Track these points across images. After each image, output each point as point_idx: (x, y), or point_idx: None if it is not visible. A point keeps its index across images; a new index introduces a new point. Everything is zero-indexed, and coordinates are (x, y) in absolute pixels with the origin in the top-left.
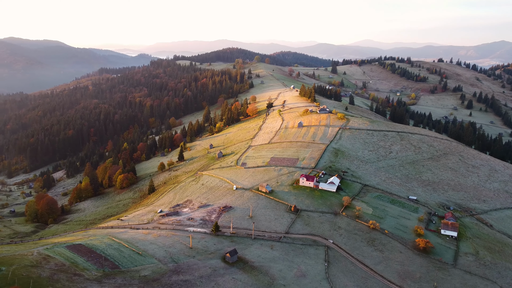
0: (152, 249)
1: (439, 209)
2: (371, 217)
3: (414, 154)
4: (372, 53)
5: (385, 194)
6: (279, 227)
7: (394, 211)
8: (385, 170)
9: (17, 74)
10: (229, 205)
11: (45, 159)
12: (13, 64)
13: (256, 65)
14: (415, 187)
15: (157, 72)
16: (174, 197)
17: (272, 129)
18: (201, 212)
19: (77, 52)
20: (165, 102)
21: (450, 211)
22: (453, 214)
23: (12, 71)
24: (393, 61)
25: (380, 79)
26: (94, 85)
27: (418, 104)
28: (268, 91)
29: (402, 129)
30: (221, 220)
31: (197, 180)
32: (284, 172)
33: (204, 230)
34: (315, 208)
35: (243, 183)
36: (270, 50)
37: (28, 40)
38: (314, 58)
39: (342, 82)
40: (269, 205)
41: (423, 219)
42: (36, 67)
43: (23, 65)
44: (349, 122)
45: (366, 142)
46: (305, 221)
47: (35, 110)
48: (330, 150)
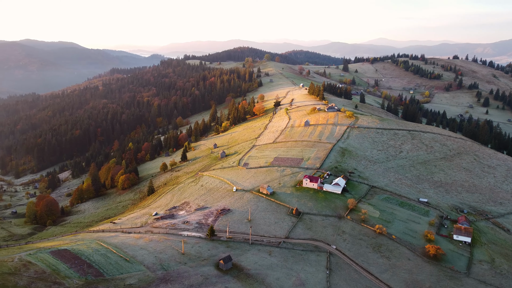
0: (142, 255)
1: (451, 212)
2: (378, 221)
3: (425, 154)
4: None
5: (394, 196)
6: (279, 232)
7: (402, 214)
8: (395, 170)
9: (32, 75)
10: (227, 208)
11: (52, 159)
12: (28, 65)
13: (265, 63)
14: (426, 189)
15: (166, 71)
16: (171, 199)
17: (278, 128)
18: (197, 215)
19: (90, 53)
20: (173, 102)
21: (463, 214)
22: (467, 218)
23: (27, 72)
24: (406, 59)
25: (392, 77)
26: (104, 85)
27: (432, 102)
28: (276, 90)
29: (413, 128)
30: (217, 224)
31: (196, 181)
32: (287, 173)
33: (199, 234)
34: (318, 211)
35: (244, 184)
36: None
37: (43, 42)
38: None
39: (353, 80)
40: (270, 208)
41: (434, 223)
42: (50, 68)
43: (38, 66)
44: (358, 121)
45: (375, 141)
46: (307, 225)
47: (45, 111)
48: (337, 149)
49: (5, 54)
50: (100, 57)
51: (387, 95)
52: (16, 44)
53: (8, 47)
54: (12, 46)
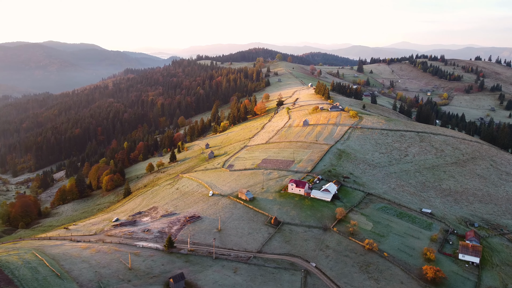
0: (79, 270)
1: (459, 225)
2: (369, 234)
3: (434, 158)
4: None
5: (392, 205)
6: (251, 244)
7: (400, 227)
8: (397, 176)
9: (51, 76)
10: (197, 215)
11: (51, 158)
12: (48, 66)
13: (276, 63)
14: (432, 198)
15: (176, 71)
16: (140, 203)
17: (275, 128)
18: (162, 222)
19: (110, 55)
20: (177, 101)
21: (473, 228)
22: (477, 233)
23: (47, 73)
24: (425, 60)
25: (409, 78)
26: (114, 84)
27: (450, 105)
28: (283, 89)
29: (423, 129)
30: (182, 234)
31: (173, 183)
32: (274, 176)
33: (157, 245)
34: (301, 221)
35: (223, 188)
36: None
37: (65, 44)
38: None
39: (367, 81)
40: (246, 216)
41: (436, 239)
42: (69, 69)
43: (57, 67)
44: (362, 121)
45: (378, 143)
46: (286, 237)
47: (51, 109)
48: (334, 151)
49: (27, 55)
50: (119, 58)
51: (403, 97)
52: (38, 46)
53: (30, 48)
54: (34, 47)
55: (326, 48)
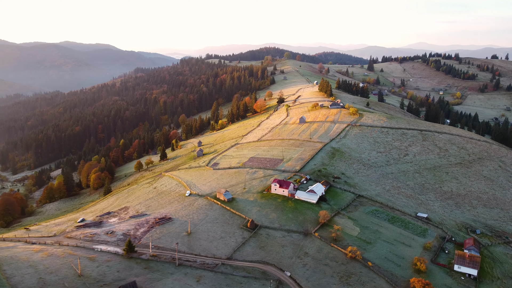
0: (22, 275)
1: (459, 232)
2: (354, 241)
3: (437, 158)
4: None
5: (384, 209)
6: (222, 250)
7: (390, 233)
8: (394, 176)
9: (65, 75)
10: (168, 216)
11: (50, 156)
12: (62, 65)
13: (284, 61)
14: (430, 201)
15: (183, 69)
16: (113, 203)
17: (270, 126)
18: (129, 223)
19: (124, 55)
20: (179, 99)
21: (473, 236)
22: (477, 241)
23: (61, 72)
24: (438, 58)
25: (421, 77)
26: (122, 83)
27: (463, 104)
28: (288, 87)
29: (427, 127)
30: (147, 236)
31: (153, 182)
32: (258, 176)
33: (117, 249)
34: (281, 225)
35: (202, 188)
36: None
37: (81, 44)
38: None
39: (377, 80)
40: (221, 219)
41: (430, 247)
42: (83, 69)
43: (71, 66)
44: (362, 118)
45: (377, 141)
46: (261, 243)
47: (56, 107)
48: (327, 150)
49: (43, 55)
50: (133, 58)
51: (413, 96)
52: (53, 46)
53: (46, 48)
54: (50, 47)
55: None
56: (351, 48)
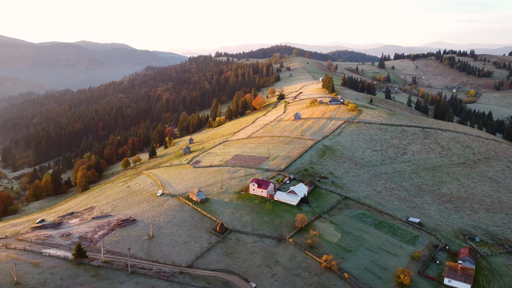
0: None
1: (455, 240)
2: (333, 248)
3: (438, 157)
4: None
5: (372, 212)
6: (183, 256)
7: (375, 240)
8: (388, 177)
9: (79, 74)
10: (132, 218)
11: (51, 153)
12: (77, 64)
13: (292, 59)
14: (426, 204)
15: (190, 67)
16: (80, 202)
17: (264, 122)
18: (89, 225)
19: (138, 54)
20: (182, 96)
21: (470, 244)
22: (473, 251)
23: (75, 71)
24: (453, 55)
25: (434, 74)
26: (129, 81)
27: (477, 102)
28: (292, 84)
29: (430, 125)
30: (105, 240)
31: (129, 180)
32: (239, 175)
33: (67, 254)
34: (254, 229)
35: (176, 188)
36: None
37: (97, 43)
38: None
39: (388, 77)
40: (189, 221)
41: (419, 257)
42: (97, 68)
43: (86, 65)
44: (360, 115)
45: (374, 139)
46: (229, 249)
47: (62, 105)
48: (318, 148)
49: (59, 54)
50: (147, 57)
51: (425, 94)
52: (69, 45)
53: (62, 48)
54: (66, 47)
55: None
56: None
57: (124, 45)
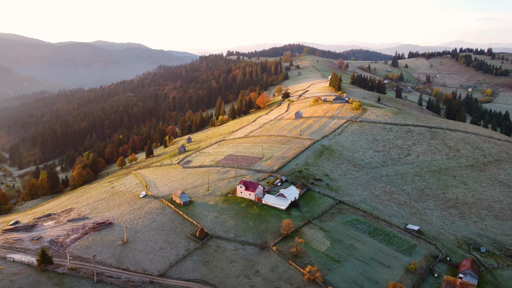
0: None
1: (458, 250)
2: (320, 257)
3: (445, 159)
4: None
5: (367, 218)
6: (156, 264)
7: (368, 249)
8: (388, 180)
9: (94, 73)
10: (109, 221)
11: (56, 151)
12: (92, 64)
13: (303, 57)
14: (428, 210)
15: (200, 66)
16: (61, 203)
17: (263, 121)
18: (63, 228)
19: (153, 54)
20: (189, 95)
21: (474, 256)
22: (475, 263)
23: (90, 71)
24: (469, 53)
25: (449, 73)
26: (140, 79)
27: (494, 102)
28: (300, 83)
29: (438, 124)
30: (76, 245)
31: (114, 181)
32: (229, 176)
33: (33, 260)
34: (236, 235)
35: (161, 189)
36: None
37: (113, 43)
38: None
39: (401, 76)
40: (168, 225)
41: (415, 269)
42: (111, 67)
43: (101, 65)
44: (365, 114)
45: (376, 139)
46: (207, 257)
47: (72, 103)
48: (315, 148)
49: (74, 53)
50: (162, 57)
51: (439, 93)
52: (85, 45)
53: (78, 47)
54: (81, 46)
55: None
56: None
57: (140, 44)
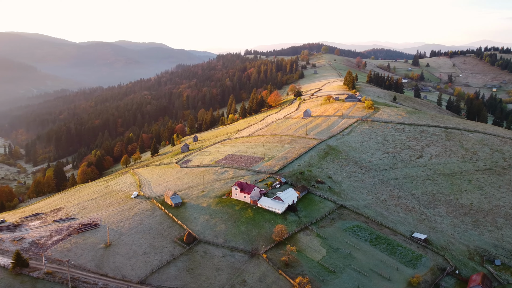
0: None
1: (469, 262)
2: (313, 267)
3: (460, 162)
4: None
5: (370, 225)
6: (137, 270)
7: (368, 259)
8: (397, 183)
9: (116, 72)
10: (95, 222)
11: (70, 149)
12: (114, 63)
13: (321, 56)
14: (438, 217)
15: (216, 64)
16: (53, 202)
17: (271, 120)
18: (47, 229)
19: (174, 53)
20: (203, 93)
21: (487, 269)
22: (487, 278)
23: (112, 70)
24: (495, 52)
25: (473, 73)
26: (157, 78)
27: None
28: (316, 81)
29: (455, 125)
30: (57, 247)
31: (110, 180)
32: (226, 177)
33: (9, 262)
34: (226, 240)
35: (155, 189)
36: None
37: (135, 43)
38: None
39: (422, 75)
40: (156, 228)
41: (418, 282)
42: (133, 66)
43: (122, 64)
44: (377, 113)
45: (387, 139)
46: (192, 263)
47: (89, 101)
48: (320, 148)
49: (97, 53)
50: (183, 56)
51: (461, 93)
52: (107, 44)
53: (100, 47)
54: (104, 46)
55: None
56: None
57: (161, 44)
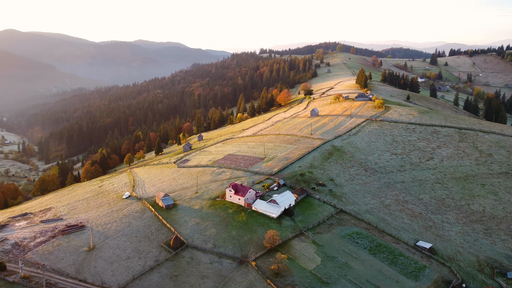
0: None
1: (478, 274)
2: (305, 277)
3: (474, 165)
4: None
5: (370, 232)
6: (118, 276)
7: (365, 269)
8: (404, 187)
9: (133, 71)
10: (82, 224)
11: (82, 147)
12: (131, 62)
13: (335, 54)
14: (447, 224)
15: (230, 63)
16: (45, 201)
17: (277, 119)
18: (32, 230)
19: (191, 52)
20: (214, 92)
21: (496, 283)
22: None
23: (129, 69)
24: None
25: (494, 72)
26: (171, 77)
27: None
28: (328, 80)
29: (469, 125)
30: (39, 249)
31: (106, 179)
32: (223, 177)
33: None
34: (215, 246)
35: (148, 190)
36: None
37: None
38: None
39: (440, 75)
40: (143, 231)
41: None
42: (150, 65)
43: (140, 63)
44: (387, 113)
45: (396, 140)
46: (176, 270)
47: (103, 100)
48: (324, 149)
49: (115, 52)
50: (199, 56)
51: (480, 92)
52: (126, 44)
53: (119, 46)
54: (122, 45)
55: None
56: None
57: (179, 43)
